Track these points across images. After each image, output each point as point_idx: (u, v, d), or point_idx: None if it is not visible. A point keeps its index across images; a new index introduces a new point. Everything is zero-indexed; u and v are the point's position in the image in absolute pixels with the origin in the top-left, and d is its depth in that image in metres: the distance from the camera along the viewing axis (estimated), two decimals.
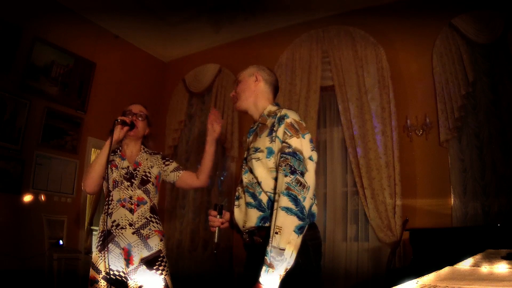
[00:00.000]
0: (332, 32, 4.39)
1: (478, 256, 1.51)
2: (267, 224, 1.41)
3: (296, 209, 1.29)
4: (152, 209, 2.01)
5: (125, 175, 1.99)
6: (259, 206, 1.45)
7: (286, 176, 1.34)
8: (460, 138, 3.65)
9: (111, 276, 1.84)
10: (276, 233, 1.28)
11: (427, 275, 0.89)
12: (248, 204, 1.48)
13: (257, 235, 1.45)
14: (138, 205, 1.95)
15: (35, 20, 4.17)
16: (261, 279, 1.26)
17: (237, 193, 1.58)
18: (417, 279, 0.82)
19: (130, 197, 1.95)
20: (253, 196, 1.47)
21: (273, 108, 1.60)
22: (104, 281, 1.83)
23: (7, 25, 3.96)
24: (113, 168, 1.99)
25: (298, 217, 1.29)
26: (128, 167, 2.02)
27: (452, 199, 3.55)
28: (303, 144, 1.42)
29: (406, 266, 3.23)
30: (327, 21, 4.50)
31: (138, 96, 5.02)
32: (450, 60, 3.75)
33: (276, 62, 4.61)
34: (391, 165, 3.77)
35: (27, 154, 4.10)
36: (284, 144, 1.41)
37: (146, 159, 2.10)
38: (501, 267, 1.11)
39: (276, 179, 1.41)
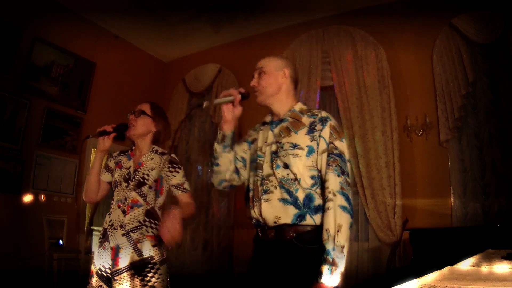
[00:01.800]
0: (332, 32, 4.39)
1: (478, 256, 1.51)
2: (302, 222, 1.42)
3: (349, 208, 1.39)
4: (149, 213, 1.88)
5: (126, 176, 1.94)
6: (295, 203, 1.44)
7: (339, 176, 1.41)
8: (460, 138, 3.65)
9: (103, 272, 1.85)
10: (338, 231, 1.34)
11: (427, 275, 0.89)
12: (283, 201, 1.44)
13: (291, 231, 1.42)
14: (131, 207, 1.86)
15: (35, 20, 4.17)
16: (324, 279, 1.32)
17: (264, 187, 1.50)
18: (417, 279, 0.82)
19: (125, 199, 1.88)
20: (289, 192, 1.45)
21: (303, 106, 1.62)
22: (96, 277, 1.85)
23: (7, 25, 3.96)
24: (117, 169, 1.97)
25: (351, 214, 1.39)
26: (130, 167, 1.97)
27: (452, 199, 3.55)
28: (344, 147, 1.48)
29: (406, 266, 3.23)
30: (327, 21, 4.50)
31: (138, 96, 5.01)
32: (450, 60, 3.75)
33: None
34: (391, 165, 3.77)
35: (27, 154, 4.09)
36: (331, 145, 1.46)
37: (152, 159, 2.01)
38: (501, 267, 1.11)
39: (313, 177, 1.46)
